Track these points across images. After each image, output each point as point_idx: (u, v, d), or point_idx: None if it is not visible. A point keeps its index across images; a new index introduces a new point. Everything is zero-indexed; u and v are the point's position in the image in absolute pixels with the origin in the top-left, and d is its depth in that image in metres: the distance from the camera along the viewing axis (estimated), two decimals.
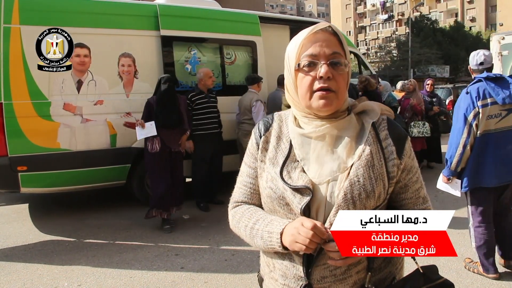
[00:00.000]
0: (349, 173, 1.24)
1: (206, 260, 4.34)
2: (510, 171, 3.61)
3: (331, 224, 1.21)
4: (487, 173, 3.58)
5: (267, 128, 1.41)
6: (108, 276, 3.99)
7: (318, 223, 1.18)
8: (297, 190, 1.25)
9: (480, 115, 3.53)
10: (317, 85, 1.25)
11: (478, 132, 3.56)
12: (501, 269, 3.86)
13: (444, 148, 8.82)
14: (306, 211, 1.24)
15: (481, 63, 3.76)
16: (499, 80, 3.59)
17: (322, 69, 1.24)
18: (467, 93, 3.64)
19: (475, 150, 3.59)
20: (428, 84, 8.76)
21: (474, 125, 3.55)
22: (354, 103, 1.37)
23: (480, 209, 3.70)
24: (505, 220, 3.83)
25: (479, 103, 3.54)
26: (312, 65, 1.26)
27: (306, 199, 1.23)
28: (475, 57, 3.80)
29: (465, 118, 3.57)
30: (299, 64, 1.27)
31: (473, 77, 3.78)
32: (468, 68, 3.94)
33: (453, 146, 3.64)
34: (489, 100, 3.54)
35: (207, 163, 6.13)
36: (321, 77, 1.24)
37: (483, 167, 3.59)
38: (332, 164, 1.26)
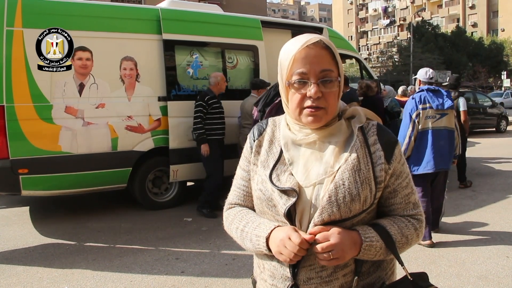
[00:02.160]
0: (335, 176, 1.26)
1: (207, 264, 4.33)
2: (443, 161, 4.74)
3: (315, 226, 1.23)
4: (427, 161, 4.71)
5: (261, 133, 1.44)
6: (108, 280, 3.98)
7: (307, 236, 1.20)
8: (284, 192, 1.27)
9: (421, 115, 4.73)
10: (306, 103, 1.27)
11: (420, 128, 4.73)
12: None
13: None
14: (292, 213, 1.26)
15: (431, 78, 5.01)
16: (436, 92, 4.86)
17: (312, 90, 1.25)
18: (412, 98, 4.86)
19: (418, 143, 4.75)
20: None
21: (416, 122, 4.73)
22: (345, 108, 1.39)
23: (420, 188, 4.72)
24: (436, 201, 5.00)
25: (420, 106, 4.75)
26: (302, 83, 1.27)
27: (292, 200, 1.25)
28: (428, 73, 5.05)
29: (410, 117, 4.77)
30: (289, 82, 1.29)
31: (419, 87, 5.01)
32: (418, 80, 5.15)
33: (401, 138, 4.76)
34: (427, 105, 4.76)
35: (221, 169, 6.07)
36: (310, 97, 1.26)
37: (424, 157, 4.71)
38: (320, 169, 1.28)
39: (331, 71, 1.27)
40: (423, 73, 5.08)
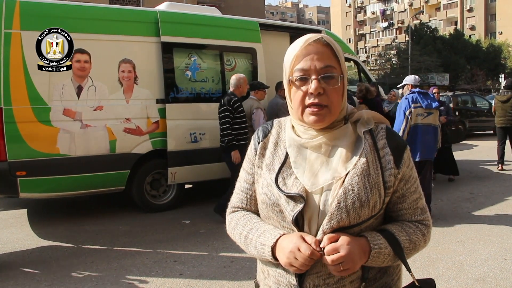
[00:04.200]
0: (343, 181, 1.23)
1: (205, 266, 4.32)
2: (428, 152, 5.65)
3: (324, 233, 1.20)
4: (416, 152, 5.53)
5: (266, 134, 1.41)
6: (107, 282, 3.97)
7: (313, 244, 1.18)
8: (291, 197, 1.24)
9: (412, 112, 5.61)
10: (308, 100, 1.25)
11: (412, 123, 5.61)
12: None
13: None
14: (300, 220, 1.24)
15: (420, 82, 6.04)
16: (424, 94, 5.80)
17: (312, 85, 1.23)
18: (406, 98, 5.74)
19: (410, 136, 5.60)
20: (434, 93, 8.27)
21: (409, 118, 5.61)
22: (352, 111, 1.37)
23: None
24: (424, 190, 5.23)
25: (412, 105, 5.63)
26: (303, 80, 1.25)
27: (299, 207, 1.22)
28: (416, 78, 6.11)
29: (404, 114, 5.63)
30: (290, 79, 1.28)
31: (410, 90, 5.89)
32: (408, 85, 6.03)
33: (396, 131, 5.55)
34: (418, 104, 5.64)
35: None
36: (311, 93, 1.24)
37: (414, 148, 5.51)
38: (327, 173, 1.25)
39: (332, 67, 1.25)
40: (413, 79, 6.10)
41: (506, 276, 3.98)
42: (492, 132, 16.90)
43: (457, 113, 15.56)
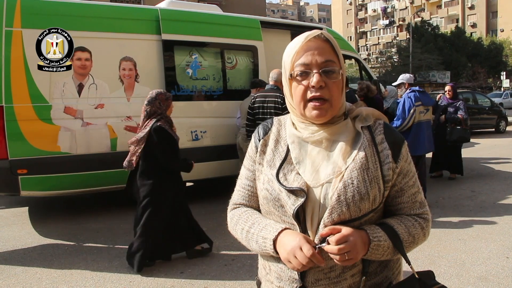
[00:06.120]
0: (343, 175, 1.25)
1: (206, 265, 4.32)
2: (430, 146, 6.26)
3: (325, 226, 1.22)
4: (420, 146, 6.00)
5: (266, 132, 1.43)
6: (108, 281, 3.97)
7: (316, 240, 1.20)
8: (292, 191, 1.26)
9: (416, 110, 6.02)
10: (309, 94, 1.27)
11: (415, 120, 6.03)
12: None
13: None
14: (301, 214, 1.25)
15: (415, 79, 6.26)
16: (423, 92, 6.33)
17: (314, 78, 1.25)
18: (408, 97, 6.10)
19: (413, 132, 5.99)
20: (446, 91, 8.16)
21: (413, 117, 6.01)
22: (351, 107, 1.39)
23: None
24: (421, 181, 5.90)
25: (416, 103, 6.04)
26: (304, 74, 1.27)
27: (300, 201, 1.24)
28: (411, 77, 6.62)
29: (409, 112, 6.01)
30: (292, 74, 1.29)
31: (409, 88, 6.27)
32: (405, 84, 6.46)
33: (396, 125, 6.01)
34: (420, 102, 6.08)
35: None
36: (313, 86, 1.25)
37: (418, 142, 5.96)
38: (328, 168, 1.27)
39: (333, 62, 1.27)
40: (408, 77, 6.57)
41: (508, 274, 3.98)
42: (493, 130, 16.94)
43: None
